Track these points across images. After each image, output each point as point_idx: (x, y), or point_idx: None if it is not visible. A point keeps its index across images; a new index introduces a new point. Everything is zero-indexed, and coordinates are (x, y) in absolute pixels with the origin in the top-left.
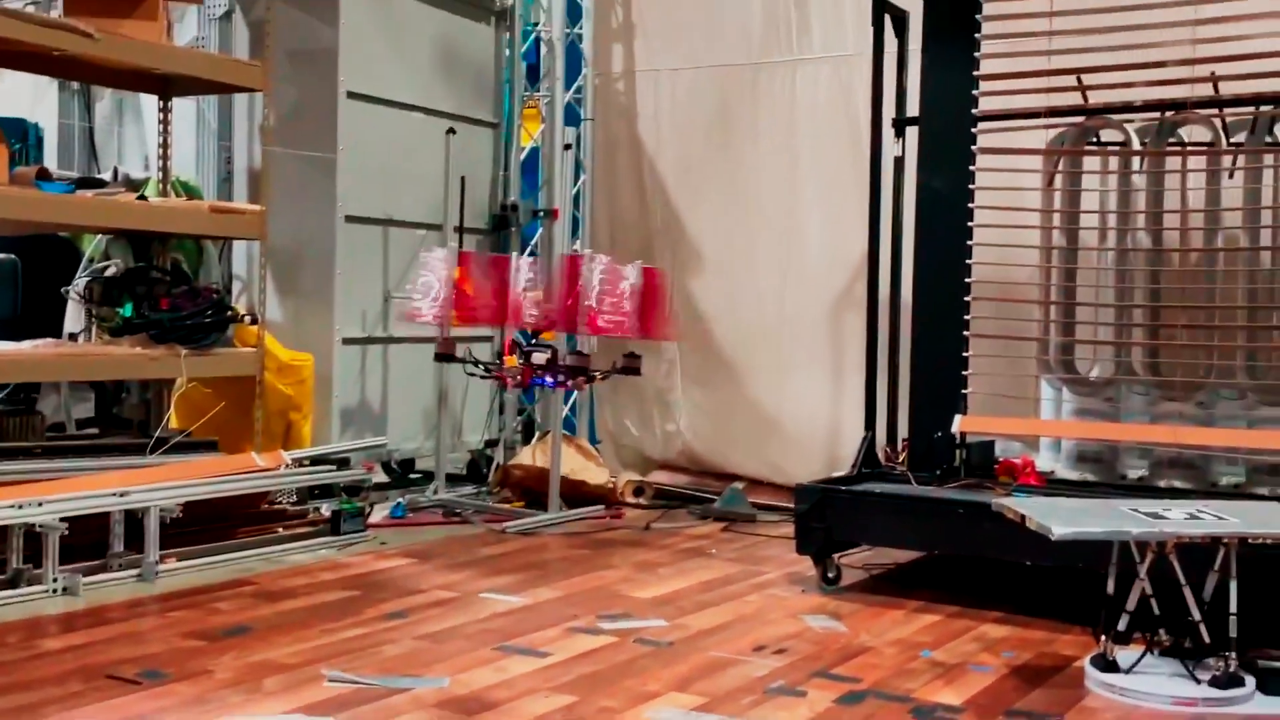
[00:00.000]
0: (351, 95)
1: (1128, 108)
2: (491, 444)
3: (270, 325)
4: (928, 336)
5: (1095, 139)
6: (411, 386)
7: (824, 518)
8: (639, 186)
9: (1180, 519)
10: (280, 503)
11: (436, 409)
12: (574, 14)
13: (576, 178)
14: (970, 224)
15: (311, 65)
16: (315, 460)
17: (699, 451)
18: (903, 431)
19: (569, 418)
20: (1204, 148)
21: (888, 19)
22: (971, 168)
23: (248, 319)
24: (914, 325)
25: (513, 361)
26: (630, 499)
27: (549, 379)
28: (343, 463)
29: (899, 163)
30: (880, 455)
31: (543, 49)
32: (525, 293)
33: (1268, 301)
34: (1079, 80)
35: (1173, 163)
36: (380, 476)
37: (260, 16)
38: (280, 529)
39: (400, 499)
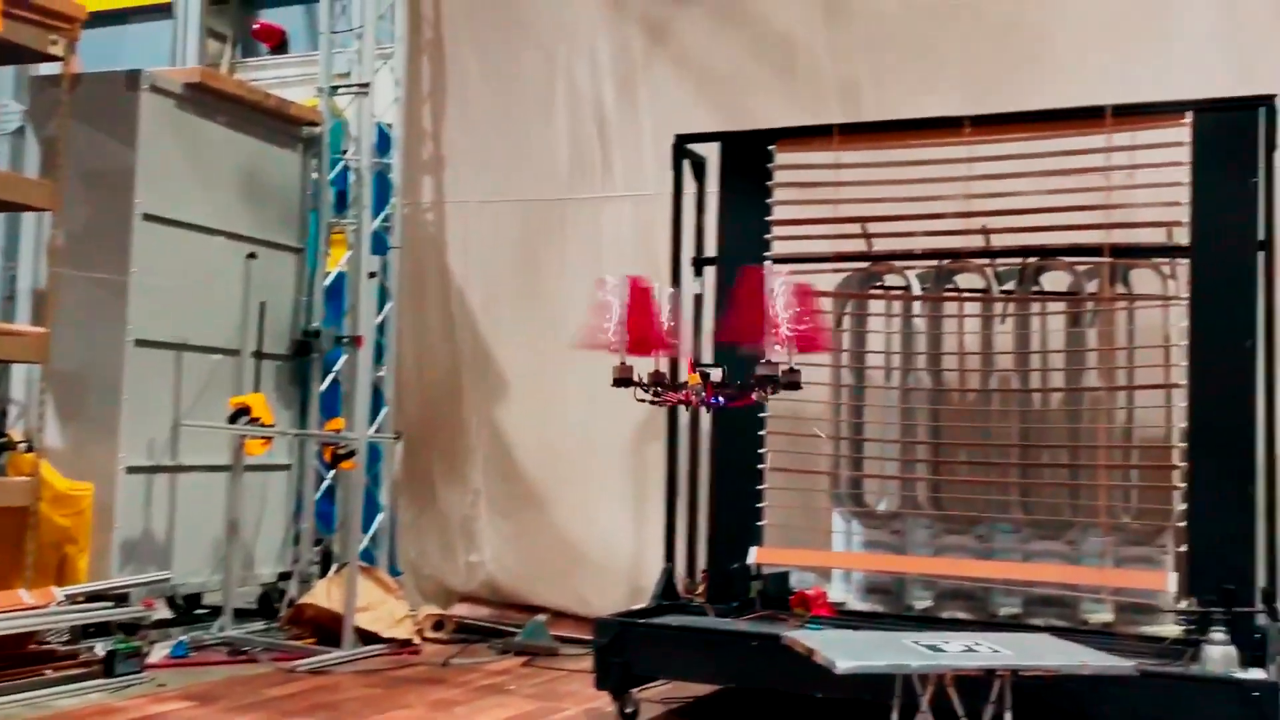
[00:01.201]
0: (148, 217)
1: (909, 255)
2: (285, 576)
3: (49, 453)
4: (726, 469)
5: (880, 283)
6: (200, 517)
7: (622, 652)
8: (447, 316)
9: (958, 651)
10: (49, 643)
11: (226, 540)
12: (384, 144)
13: (382, 305)
14: None
15: (106, 185)
16: (90, 596)
17: (502, 583)
18: (703, 563)
19: (368, 549)
20: (977, 294)
21: (686, 163)
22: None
23: (22, 446)
24: (712, 457)
25: (695, 379)
26: (430, 634)
27: (719, 398)
28: (120, 599)
29: (699, 299)
30: (680, 587)
31: (351, 177)
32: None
33: (1038, 440)
34: (864, 228)
35: (950, 307)
36: (163, 613)
37: (52, 134)
38: (48, 671)
39: (183, 637)
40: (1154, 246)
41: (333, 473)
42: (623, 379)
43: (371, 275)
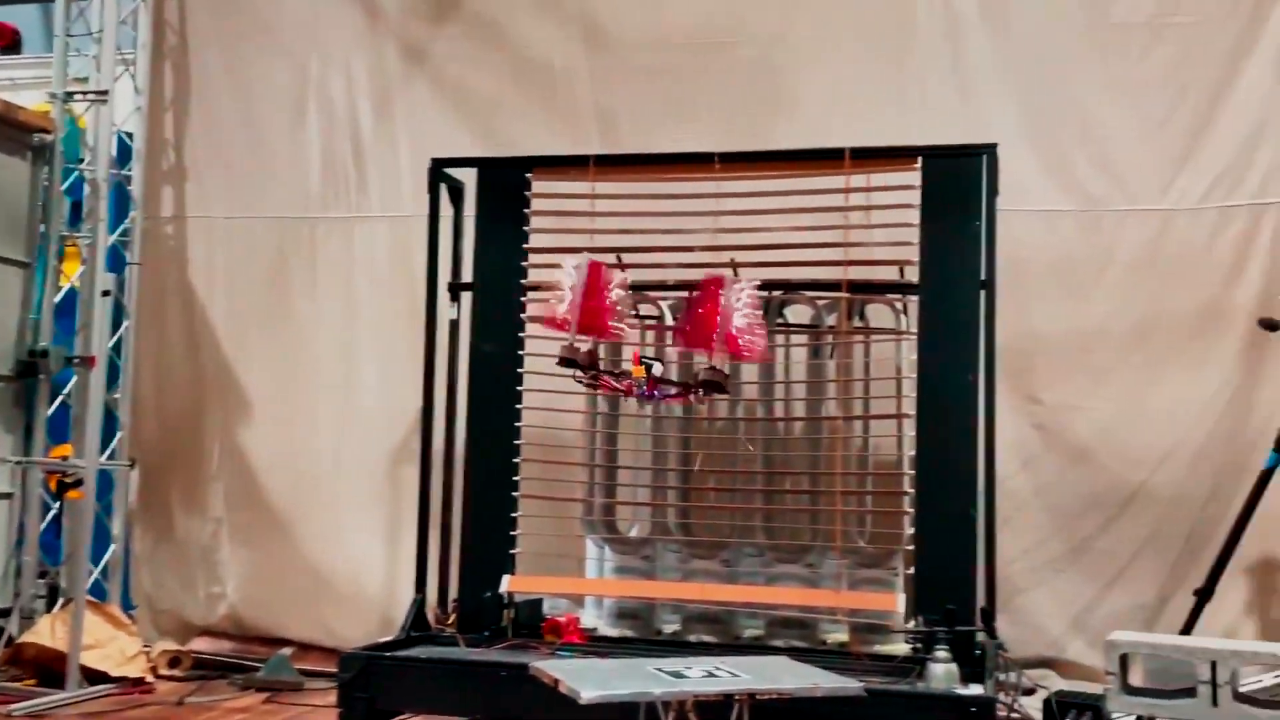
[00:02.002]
0: None
1: (661, 285)
2: (4, 613)
3: None
4: (479, 496)
5: (635, 313)
6: None
7: (368, 686)
8: (188, 336)
9: (699, 677)
10: None
11: None
12: (124, 155)
13: (117, 324)
14: (520, 388)
15: None
16: None
17: (246, 615)
18: (455, 591)
19: (98, 583)
20: None
21: (444, 187)
22: (521, 334)
23: None
24: (465, 484)
25: (640, 372)
26: (165, 671)
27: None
28: None
29: (454, 325)
30: (431, 617)
31: (86, 188)
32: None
33: (781, 466)
34: (618, 258)
35: None
36: None
37: None
38: None
39: None
40: (887, 283)
41: (59, 502)
42: (568, 359)
43: (106, 293)
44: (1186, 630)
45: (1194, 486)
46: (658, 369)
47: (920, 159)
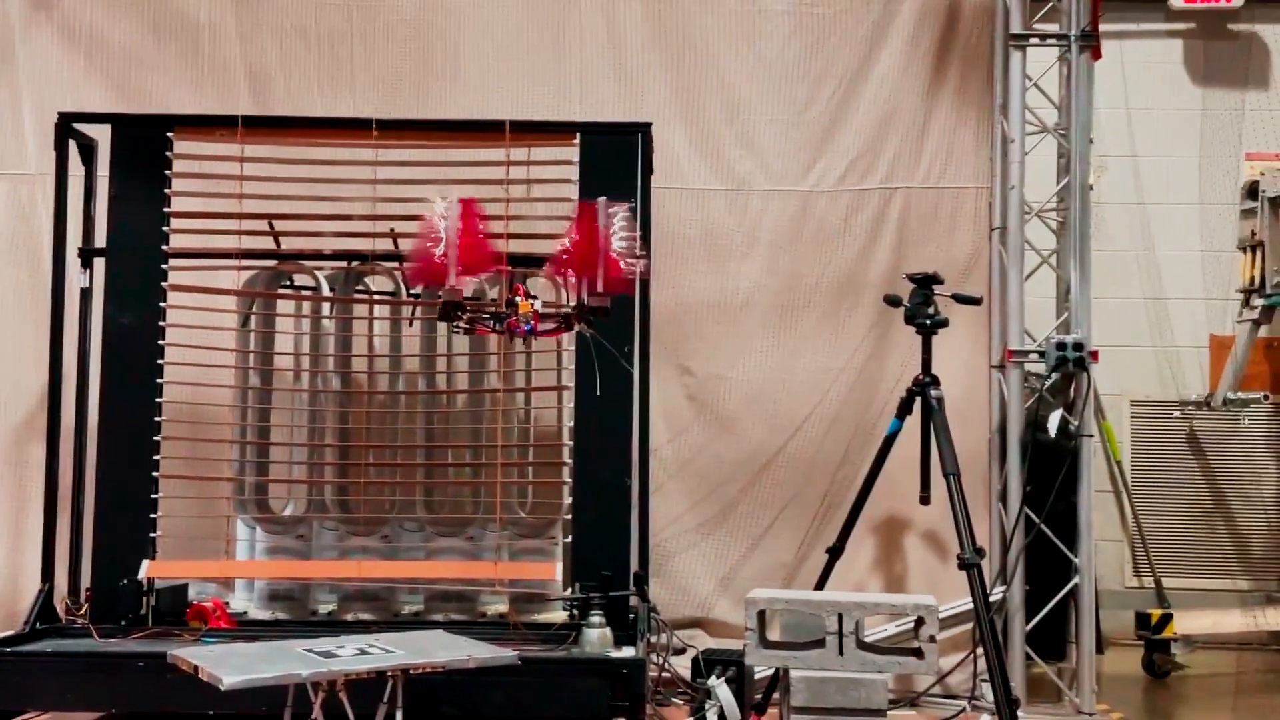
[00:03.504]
0: None
1: (318, 255)
2: None
3: None
4: (114, 477)
5: (289, 283)
6: None
7: None
8: None
9: (351, 655)
10: None
11: None
12: None
13: None
14: (161, 361)
15: None
16: None
17: None
18: (89, 580)
19: None
20: (387, 297)
21: (73, 144)
22: (163, 304)
23: None
24: (99, 466)
25: (527, 307)
26: None
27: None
28: None
29: (86, 293)
30: (60, 608)
31: None
32: None
33: (443, 441)
34: (271, 225)
35: (360, 309)
36: None
37: None
38: None
39: None
40: (549, 257)
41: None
42: (452, 303)
43: None
44: (820, 586)
45: (829, 452)
46: (539, 304)
47: (579, 135)
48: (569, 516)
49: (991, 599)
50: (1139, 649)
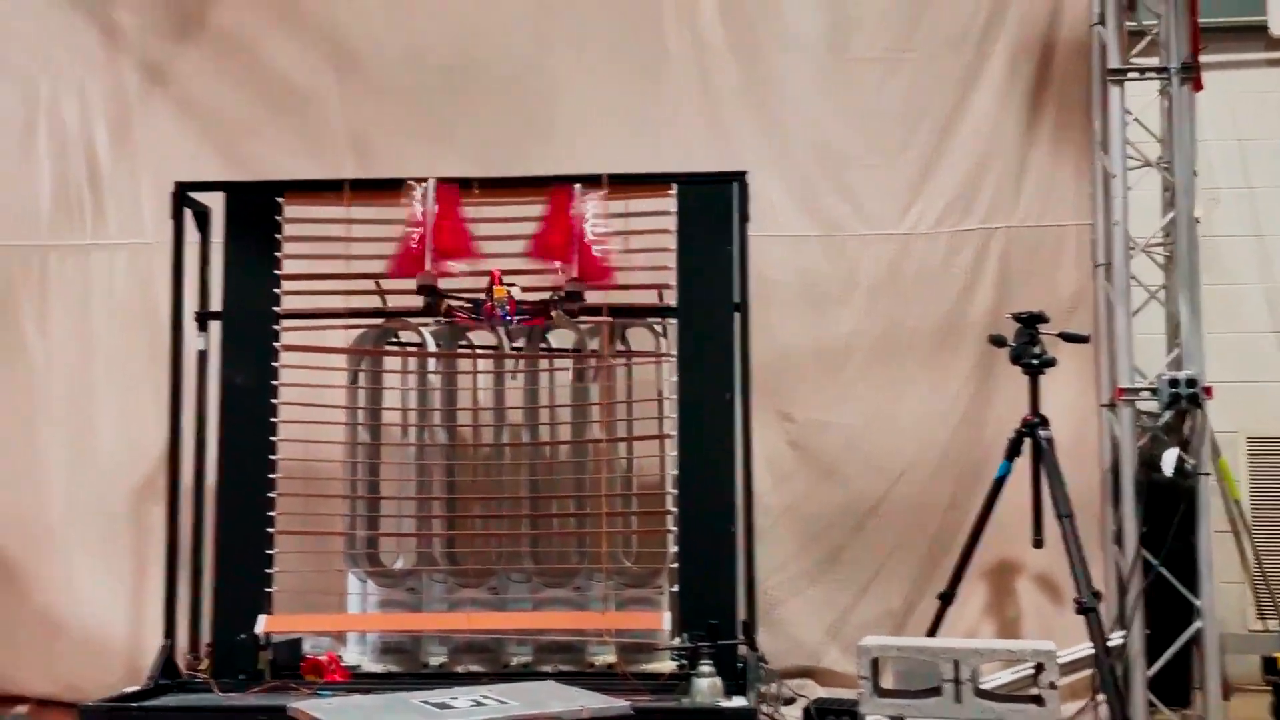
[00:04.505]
0: None
1: (423, 311)
2: None
3: None
4: (231, 534)
5: (395, 339)
6: None
7: None
8: None
9: (467, 707)
10: None
11: None
12: None
13: None
14: (275, 420)
15: None
16: None
17: None
18: (209, 635)
19: None
20: (490, 351)
21: (189, 212)
22: (275, 364)
23: None
24: (217, 523)
25: (503, 292)
26: None
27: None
28: None
29: (203, 356)
30: (182, 663)
31: None
32: None
33: (548, 491)
34: (377, 284)
35: (464, 364)
36: None
37: None
38: None
39: None
40: (647, 307)
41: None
42: (428, 287)
43: None
44: (932, 632)
45: (936, 495)
46: (517, 291)
47: (675, 185)
48: (675, 565)
49: (1110, 644)
50: (1266, 694)
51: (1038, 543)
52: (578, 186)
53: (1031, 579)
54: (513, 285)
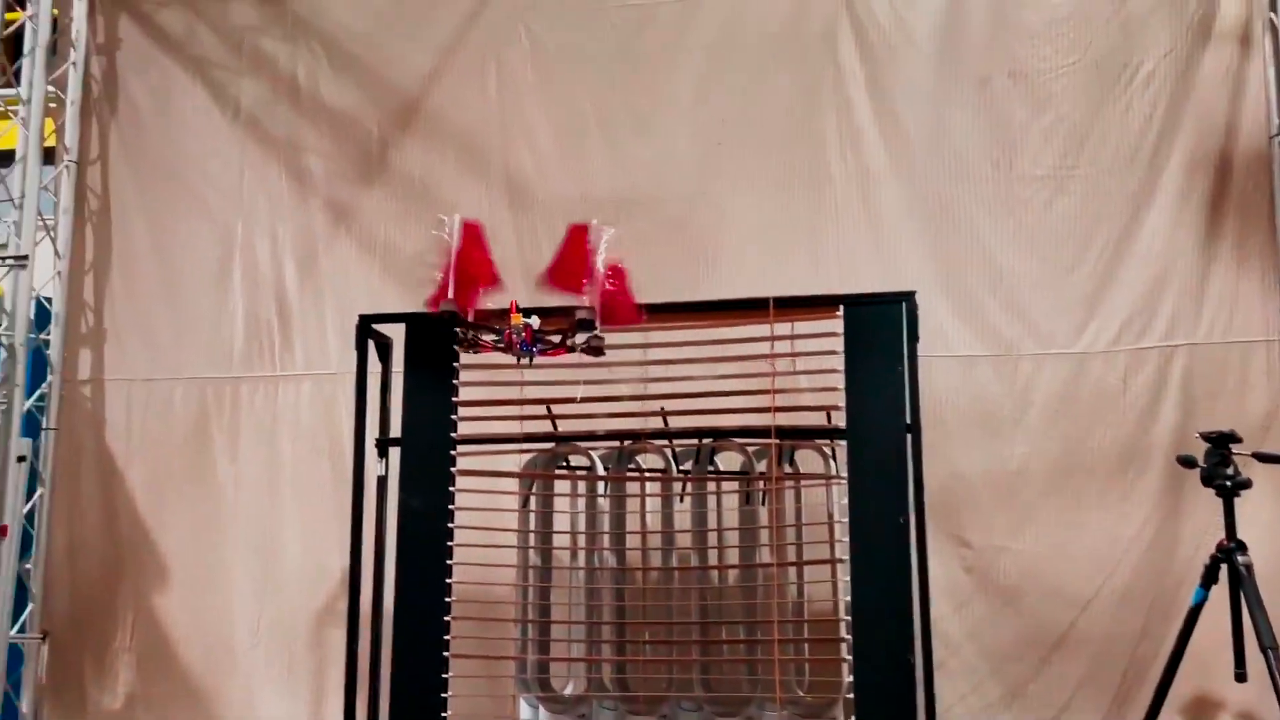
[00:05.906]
0: None
1: (592, 436)
2: None
3: None
4: (408, 658)
5: (565, 464)
6: None
7: None
8: (105, 501)
9: None
10: None
11: None
12: (43, 319)
13: (31, 492)
14: (450, 543)
15: None
16: None
17: None
18: None
19: None
20: (657, 474)
21: (371, 342)
22: (451, 489)
23: None
24: (394, 645)
25: (518, 319)
26: None
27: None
28: None
29: (382, 481)
30: None
31: (3, 354)
32: None
33: (717, 617)
34: (549, 410)
35: (632, 487)
36: None
37: None
38: None
39: None
40: (815, 429)
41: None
42: (449, 311)
43: (21, 459)
44: None
45: (1125, 626)
46: (535, 321)
47: (841, 307)
48: (850, 695)
49: None
50: None
51: (1240, 676)
52: (594, 220)
53: (1234, 716)
54: (532, 315)
